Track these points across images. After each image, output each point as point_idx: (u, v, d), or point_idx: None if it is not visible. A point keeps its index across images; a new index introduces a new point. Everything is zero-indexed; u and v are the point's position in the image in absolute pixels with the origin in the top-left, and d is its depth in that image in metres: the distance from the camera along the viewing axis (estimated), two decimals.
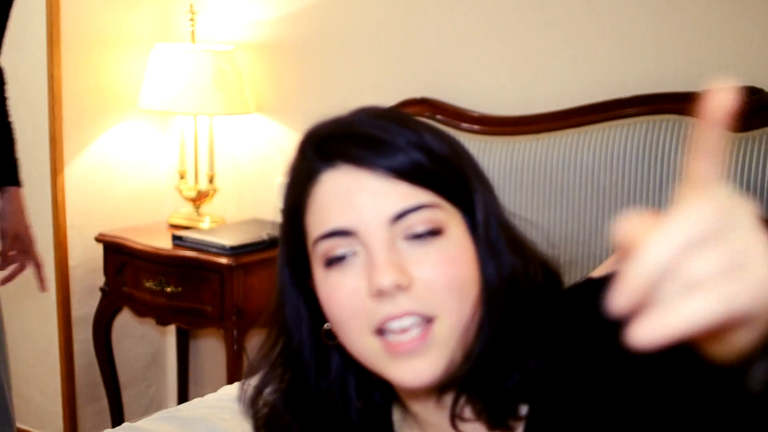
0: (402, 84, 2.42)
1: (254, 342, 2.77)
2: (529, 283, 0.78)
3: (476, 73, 2.34)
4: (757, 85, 1.93)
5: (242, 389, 0.89)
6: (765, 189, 1.86)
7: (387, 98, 2.42)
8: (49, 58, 2.54)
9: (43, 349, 2.76)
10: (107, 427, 2.47)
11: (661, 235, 0.44)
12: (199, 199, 2.73)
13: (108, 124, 2.74)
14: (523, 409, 0.78)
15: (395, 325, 0.73)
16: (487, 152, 2.22)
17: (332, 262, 0.75)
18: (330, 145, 0.76)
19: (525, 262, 0.79)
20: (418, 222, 0.74)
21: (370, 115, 0.78)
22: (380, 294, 0.72)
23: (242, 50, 2.69)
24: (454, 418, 0.78)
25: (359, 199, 0.74)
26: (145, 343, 2.93)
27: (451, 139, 0.80)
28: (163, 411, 1.90)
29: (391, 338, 0.73)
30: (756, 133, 1.90)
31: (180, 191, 2.76)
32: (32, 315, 2.77)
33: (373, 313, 0.73)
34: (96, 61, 2.69)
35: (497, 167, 2.20)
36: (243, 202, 2.80)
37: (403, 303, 0.72)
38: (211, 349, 2.93)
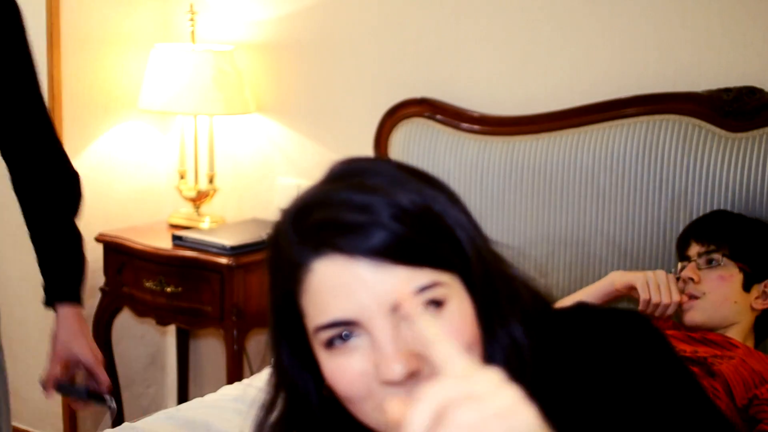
0: (402, 84, 2.42)
1: (254, 342, 2.78)
2: (522, 313, 0.79)
3: (476, 73, 2.34)
4: (757, 85, 1.93)
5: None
6: (765, 189, 1.86)
7: (387, 98, 2.43)
8: (49, 58, 2.54)
9: (43, 349, 2.76)
10: (107, 427, 2.47)
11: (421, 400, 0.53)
12: (199, 199, 2.73)
13: (108, 124, 2.74)
14: None
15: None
16: (487, 152, 2.22)
17: (335, 343, 0.74)
18: (315, 234, 0.75)
19: (517, 294, 0.80)
20: (421, 302, 0.73)
21: (349, 190, 0.76)
22: (392, 384, 0.71)
23: (242, 50, 2.69)
24: None
25: (355, 290, 0.73)
26: (145, 343, 2.93)
27: (427, 182, 0.79)
28: (163, 411, 1.90)
29: None
30: (756, 133, 1.90)
31: (180, 191, 2.76)
32: (32, 315, 2.77)
33: (386, 396, 0.72)
34: (96, 61, 2.69)
35: (497, 167, 2.20)
36: (243, 202, 2.80)
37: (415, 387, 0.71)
38: (211, 349, 2.93)
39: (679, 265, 1.77)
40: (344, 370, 0.74)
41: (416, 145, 2.33)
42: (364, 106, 2.51)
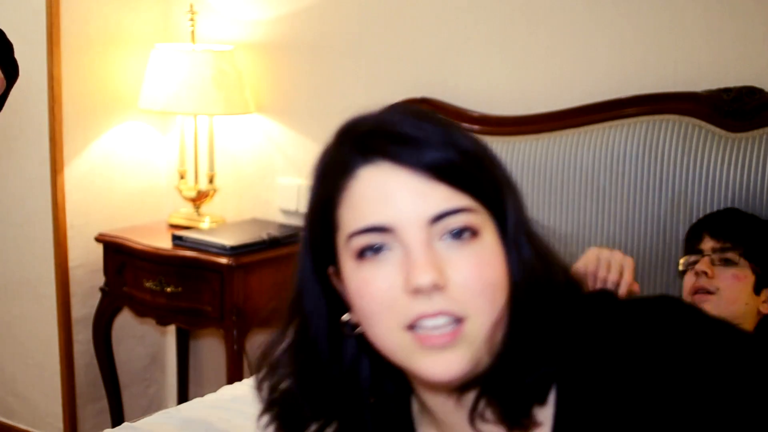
0: (402, 84, 2.42)
1: (254, 342, 2.77)
2: (554, 289, 0.80)
3: (476, 73, 2.34)
4: (757, 85, 1.93)
5: (257, 370, 0.89)
6: (765, 189, 1.86)
7: (387, 98, 2.41)
8: (49, 58, 2.54)
9: (43, 349, 2.76)
10: (107, 427, 2.47)
11: None
12: (199, 199, 2.73)
13: (108, 124, 2.74)
14: (544, 413, 0.79)
15: (428, 323, 0.74)
16: None
17: (366, 254, 0.76)
18: (369, 141, 0.77)
19: (549, 268, 0.81)
20: (456, 224, 0.75)
21: (406, 114, 0.79)
22: (417, 292, 0.73)
23: (242, 50, 2.69)
24: (474, 417, 0.80)
25: (398, 197, 0.75)
26: (145, 343, 2.93)
27: (482, 143, 0.81)
28: (163, 411, 1.90)
29: (422, 332, 0.75)
30: (756, 132, 1.90)
31: (180, 191, 2.76)
32: (32, 315, 2.77)
33: (407, 310, 0.74)
34: (96, 61, 2.69)
35: None
36: (243, 202, 2.80)
37: (437, 302, 0.74)
38: (211, 349, 2.93)
39: (688, 257, 1.75)
40: (372, 280, 0.75)
41: None
42: (364, 106, 2.50)
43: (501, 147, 2.20)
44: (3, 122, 2.63)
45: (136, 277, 2.56)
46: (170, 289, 2.48)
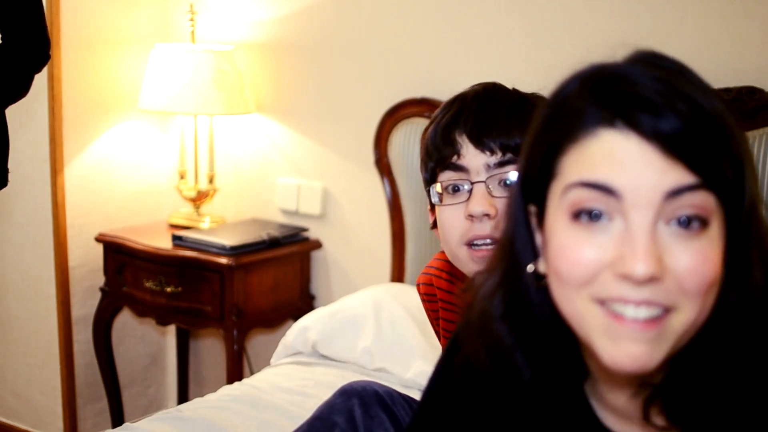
0: (402, 84, 2.42)
1: (254, 342, 2.78)
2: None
3: (476, 73, 2.34)
4: (757, 85, 1.93)
5: (466, 309, 0.84)
6: (765, 189, 1.86)
7: (387, 98, 2.43)
8: None
9: (43, 349, 2.76)
10: (107, 427, 2.47)
11: None
12: (199, 199, 2.73)
13: (108, 124, 2.74)
14: None
15: (629, 312, 0.69)
16: None
17: (582, 217, 0.71)
18: (613, 101, 0.72)
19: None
20: (690, 205, 0.70)
21: (653, 73, 0.74)
22: (628, 279, 0.69)
23: (242, 50, 2.69)
24: (649, 413, 0.75)
25: (636, 165, 0.69)
26: (145, 343, 2.93)
27: (729, 109, 0.74)
28: (163, 411, 1.90)
29: (617, 310, 0.70)
30: (756, 132, 1.90)
31: (180, 191, 2.76)
32: (32, 315, 2.77)
33: (609, 291, 0.70)
34: (96, 61, 2.69)
35: None
36: (243, 202, 2.80)
37: (645, 292, 0.69)
38: (211, 349, 2.93)
39: None
40: (579, 246, 0.71)
41: (416, 145, 2.33)
42: (364, 106, 2.51)
43: None
44: None
45: (136, 277, 2.56)
46: (170, 289, 2.48)
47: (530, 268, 0.77)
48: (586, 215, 0.71)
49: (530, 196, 0.78)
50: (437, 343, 2.02)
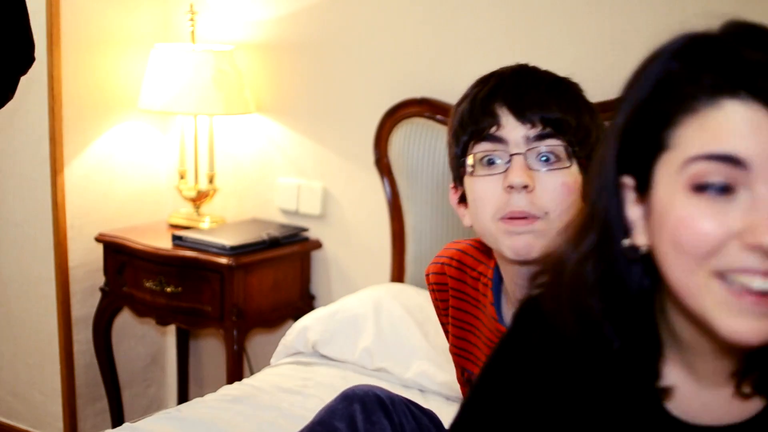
0: (402, 84, 2.42)
1: (254, 342, 2.78)
2: None
3: (476, 73, 2.33)
4: None
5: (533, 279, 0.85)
6: None
7: (387, 98, 2.43)
8: (49, 58, 2.54)
9: (43, 349, 2.76)
10: (107, 427, 2.47)
11: None
12: (199, 199, 2.73)
13: (108, 124, 2.74)
14: None
15: (756, 284, 0.69)
16: None
17: (707, 190, 0.70)
18: (736, 72, 0.72)
19: None
20: None
21: (763, 42, 0.74)
22: (758, 249, 0.68)
23: (242, 50, 2.69)
24: (742, 383, 0.76)
25: (763, 136, 0.69)
26: (145, 343, 2.93)
27: None
28: (163, 411, 1.90)
29: (738, 287, 0.70)
30: None
31: (180, 191, 2.76)
32: (32, 315, 2.77)
33: (735, 262, 0.69)
34: (96, 61, 2.69)
35: None
36: (243, 202, 2.80)
37: None
38: (211, 349, 2.93)
39: None
40: (703, 218, 0.70)
41: (416, 145, 2.33)
42: (364, 106, 2.51)
43: None
44: (3, 122, 2.63)
45: (136, 277, 2.56)
46: (170, 289, 2.48)
47: (626, 242, 0.77)
48: (709, 188, 0.70)
49: (626, 168, 0.77)
50: (437, 343, 2.02)
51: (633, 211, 0.77)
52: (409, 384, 1.99)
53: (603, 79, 2.17)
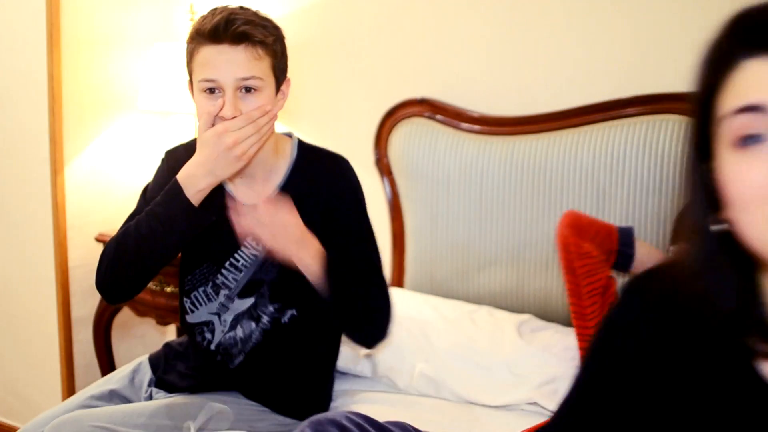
0: (402, 84, 2.42)
1: None
2: None
3: (476, 73, 2.34)
4: None
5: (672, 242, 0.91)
6: None
7: (387, 98, 2.43)
8: (49, 58, 2.54)
9: (43, 349, 2.76)
10: None
11: None
12: None
13: (108, 124, 2.74)
14: None
15: None
16: (487, 152, 2.22)
17: (747, 143, 0.74)
18: (756, 34, 0.76)
19: None
20: None
21: None
22: None
23: None
24: None
25: None
26: (145, 343, 2.93)
27: None
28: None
29: None
30: None
31: None
32: (32, 315, 2.77)
33: None
34: (96, 61, 2.69)
35: (497, 167, 2.20)
36: None
37: None
38: None
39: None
40: (748, 170, 0.74)
41: (416, 145, 2.33)
42: (364, 106, 2.51)
43: (501, 147, 2.20)
44: (3, 122, 2.63)
45: None
46: (170, 289, 2.48)
47: (715, 228, 0.80)
48: (750, 140, 0.74)
49: (704, 154, 0.80)
50: (437, 343, 2.02)
51: (713, 183, 0.81)
52: (410, 390, 1.97)
53: (602, 78, 2.17)
